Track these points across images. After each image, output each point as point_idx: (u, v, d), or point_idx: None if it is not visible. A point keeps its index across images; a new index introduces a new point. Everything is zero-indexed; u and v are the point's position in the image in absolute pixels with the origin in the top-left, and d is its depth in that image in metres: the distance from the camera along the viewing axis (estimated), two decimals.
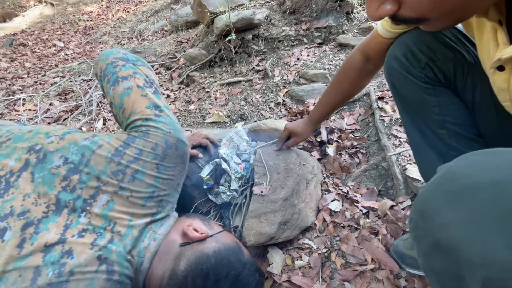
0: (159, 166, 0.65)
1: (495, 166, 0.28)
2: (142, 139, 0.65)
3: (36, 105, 1.99)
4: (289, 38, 1.79)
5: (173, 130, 0.69)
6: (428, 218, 0.31)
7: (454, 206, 0.28)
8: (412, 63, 0.61)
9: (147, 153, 0.64)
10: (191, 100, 1.76)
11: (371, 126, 1.21)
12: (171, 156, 0.67)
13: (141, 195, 0.62)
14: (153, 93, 0.74)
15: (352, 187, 1.03)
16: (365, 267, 0.78)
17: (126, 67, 0.75)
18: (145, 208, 0.62)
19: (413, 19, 0.35)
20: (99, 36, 4.11)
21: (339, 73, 0.82)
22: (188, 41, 2.50)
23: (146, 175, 0.63)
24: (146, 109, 0.69)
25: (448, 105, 0.61)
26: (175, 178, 0.69)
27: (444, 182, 0.31)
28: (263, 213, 0.86)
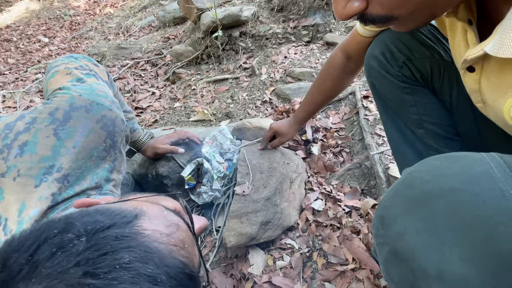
0: (58, 131, 0.50)
1: (453, 172, 0.27)
2: (41, 107, 0.52)
3: (16, 102, 1.92)
4: (276, 36, 1.78)
5: (88, 94, 0.55)
6: (387, 225, 0.30)
7: (410, 213, 0.27)
8: (390, 62, 0.61)
9: (42, 119, 0.50)
10: (176, 97, 1.72)
11: (355, 125, 1.20)
12: (77, 119, 0.52)
13: (34, 171, 0.46)
14: (84, 74, 0.63)
15: (335, 186, 1.02)
16: (346, 267, 0.78)
17: (64, 60, 0.66)
18: (41, 189, 0.46)
19: (382, 17, 0.34)
20: (85, 31, 4.01)
21: (322, 73, 0.82)
22: (175, 38, 2.45)
23: (39, 144, 0.48)
24: (67, 82, 0.59)
25: (425, 105, 0.60)
26: (91, 147, 0.53)
27: (403, 188, 0.30)
28: (245, 213, 0.84)
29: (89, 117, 0.53)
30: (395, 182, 0.32)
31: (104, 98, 0.57)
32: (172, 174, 0.99)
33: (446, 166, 0.28)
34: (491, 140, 0.56)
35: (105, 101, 0.57)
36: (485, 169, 0.25)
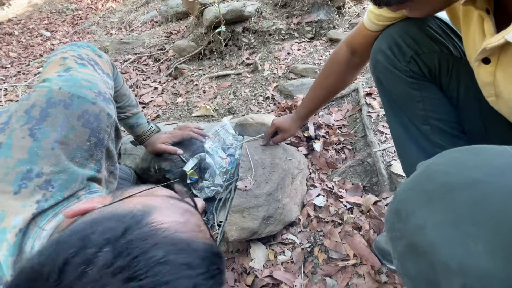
0: (34, 131, 0.45)
1: (475, 164, 0.26)
2: (17, 104, 0.47)
3: (18, 95, 1.92)
4: (279, 32, 1.77)
5: (68, 86, 0.50)
6: (404, 218, 0.29)
7: (431, 206, 0.27)
8: (397, 57, 0.60)
9: (17, 118, 0.45)
10: (178, 93, 1.72)
11: (358, 122, 1.20)
12: (55, 116, 0.47)
13: (10, 177, 0.42)
14: (79, 64, 0.58)
15: (337, 182, 1.02)
16: (347, 262, 0.78)
17: (65, 48, 0.62)
18: (21, 196, 0.42)
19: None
20: (87, 26, 3.99)
21: (325, 68, 0.81)
22: (177, 33, 2.44)
23: (14, 147, 0.43)
24: (54, 73, 0.54)
25: (432, 101, 0.60)
26: (73, 147, 0.48)
27: (421, 180, 0.29)
28: (246, 208, 0.84)
29: (68, 113, 0.48)
30: (411, 175, 0.32)
31: (88, 90, 0.52)
32: (174, 168, 0.99)
33: (467, 158, 0.27)
34: (498, 137, 0.56)
35: (88, 93, 0.52)
36: (509, 162, 0.24)
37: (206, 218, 0.97)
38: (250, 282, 0.79)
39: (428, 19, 0.58)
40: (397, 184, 0.93)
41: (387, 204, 0.90)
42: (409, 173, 0.70)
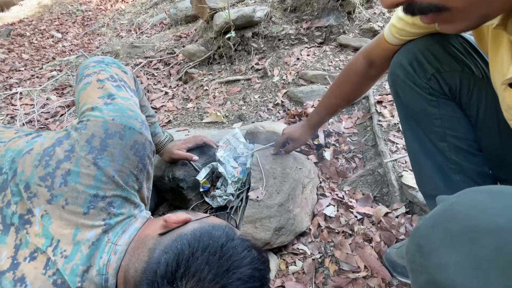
0: (97, 160, 0.52)
1: (499, 210, 0.27)
2: (78, 132, 0.54)
3: (33, 99, 1.98)
4: (289, 37, 1.77)
5: (119, 116, 0.57)
6: (426, 254, 0.30)
7: (453, 247, 0.28)
8: (418, 73, 0.60)
9: (80, 146, 0.52)
10: (189, 98, 1.74)
11: (368, 131, 1.20)
12: (114, 146, 0.54)
13: (80, 200, 0.49)
14: (115, 86, 0.64)
15: (347, 192, 1.03)
16: (357, 274, 0.79)
17: (95, 67, 0.67)
18: (90, 216, 0.50)
19: (433, 6, 0.33)
20: (98, 27, 4.05)
21: (340, 77, 0.81)
22: (187, 36, 2.47)
23: (82, 174, 0.50)
24: (98, 99, 0.60)
25: (450, 119, 0.60)
26: (127, 173, 0.55)
27: (444, 220, 0.30)
28: (259, 218, 0.86)
29: (124, 144, 0.56)
30: (433, 211, 0.33)
31: (135, 120, 0.59)
32: (188, 177, 1.01)
33: (491, 202, 0.28)
34: None
35: (136, 124, 0.59)
36: None
37: None
38: None
39: (451, 37, 0.58)
40: (408, 196, 0.93)
41: (398, 215, 0.90)
42: (422, 187, 0.70)
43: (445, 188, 0.63)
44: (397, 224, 0.87)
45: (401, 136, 1.11)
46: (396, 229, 0.86)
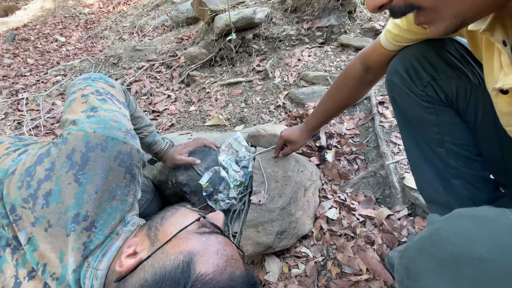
0: (78, 176, 0.49)
1: (482, 238, 0.28)
2: (58, 148, 0.51)
3: (38, 105, 2.01)
4: (290, 37, 1.77)
5: (102, 128, 0.54)
6: (413, 277, 0.31)
7: (437, 274, 0.29)
8: (414, 80, 0.60)
9: (60, 164, 0.49)
10: (191, 100, 1.76)
11: (370, 132, 1.20)
12: (95, 159, 0.51)
13: (62, 222, 0.47)
14: (100, 100, 0.62)
15: (350, 194, 1.03)
16: (359, 277, 0.80)
17: (81, 84, 0.66)
18: (71, 240, 0.47)
19: (408, 6, 0.35)
20: (100, 30, 4.09)
21: (337, 82, 0.81)
22: (188, 39, 2.48)
23: (63, 193, 0.48)
24: (81, 113, 0.58)
25: (448, 125, 0.60)
26: (112, 187, 0.52)
27: (430, 244, 0.31)
28: (261, 222, 0.87)
29: (106, 156, 0.52)
30: (421, 233, 0.34)
31: (118, 130, 0.56)
32: (190, 181, 1.03)
33: (475, 230, 0.29)
34: None
35: (119, 134, 0.55)
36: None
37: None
38: None
39: (447, 43, 0.58)
40: (410, 197, 0.93)
41: (400, 218, 0.90)
42: (423, 191, 0.70)
43: (445, 193, 0.63)
44: (399, 227, 0.87)
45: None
46: (398, 232, 0.86)
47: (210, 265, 0.42)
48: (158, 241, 0.49)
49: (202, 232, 0.48)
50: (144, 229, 0.52)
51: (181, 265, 0.42)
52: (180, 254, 0.43)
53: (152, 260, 0.45)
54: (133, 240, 0.50)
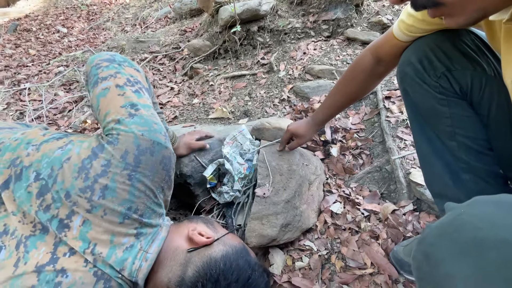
0: (132, 177, 0.57)
1: (507, 223, 0.27)
2: (111, 146, 0.58)
3: (41, 95, 2.00)
4: (295, 30, 1.74)
5: (147, 131, 0.60)
6: (433, 263, 0.30)
7: (461, 259, 0.28)
8: (427, 71, 0.59)
9: (116, 163, 0.56)
10: (195, 93, 1.74)
11: (376, 127, 1.19)
12: (146, 163, 0.59)
13: (116, 212, 0.55)
14: (134, 92, 0.66)
15: (354, 189, 1.03)
16: (364, 271, 0.80)
17: (109, 68, 0.68)
18: (125, 225, 0.56)
19: (430, 1, 0.35)
20: (102, 22, 4.05)
21: (347, 74, 0.80)
22: (192, 30, 2.45)
23: (118, 189, 0.55)
24: (121, 108, 0.62)
25: (461, 118, 0.59)
26: (156, 187, 0.61)
27: (452, 230, 0.30)
28: (265, 215, 0.86)
29: (154, 160, 0.60)
30: (441, 219, 0.33)
31: (160, 134, 0.63)
32: (195, 173, 1.02)
33: (499, 215, 0.28)
34: None
35: (161, 138, 0.63)
36: None
37: (225, 222, 1.00)
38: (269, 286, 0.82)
39: (463, 33, 0.57)
40: (416, 193, 0.92)
41: (405, 213, 0.90)
42: (431, 186, 0.69)
43: (454, 187, 0.62)
44: (405, 222, 0.87)
45: (409, 132, 1.09)
46: (404, 227, 0.86)
47: (252, 253, 0.69)
48: (218, 232, 0.69)
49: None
50: (198, 222, 0.71)
51: (244, 248, 0.67)
52: (240, 243, 0.69)
53: (222, 240, 0.66)
54: (192, 225, 0.68)
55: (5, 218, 0.52)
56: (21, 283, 0.47)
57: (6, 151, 0.58)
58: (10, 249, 0.50)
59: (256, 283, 0.60)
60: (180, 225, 0.70)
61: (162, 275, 0.59)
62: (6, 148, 0.59)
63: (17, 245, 0.50)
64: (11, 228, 0.51)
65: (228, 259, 0.61)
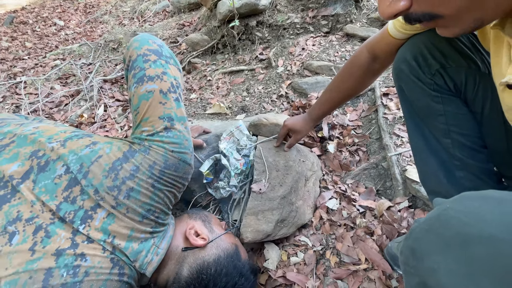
0: (154, 185, 0.63)
1: (493, 217, 0.27)
2: (142, 155, 0.64)
3: (37, 88, 1.98)
4: (294, 25, 1.73)
5: (178, 148, 0.67)
6: (418, 257, 0.30)
7: (446, 253, 0.28)
8: (422, 68, 0.59)
9: (143, 171, 0.63)
10: (192, 88, 1.73)
11: (373, 124, 1.19)
12: (168, 176, 0.66)
13: (137, 212, 0.61)
14: (175, 100, 0.70)
15: (350, 185, 1.03)
16: (358, 266, 0.80)
17: (157, 64, 0.70)
18: (143, 224, 0.62)
19: (427, 15, 0.34)
20: (100, 15, 4.00)
21: (343, 71, 0.80)
22: (190, 25, 2.42)
23: (141, 193, 0.62)
24: (159, 119, 0.67)
25: (455, 115, 0.59)
26: (172, 195, 0.69)
27: (438, 225, 0.30)
28: (261, 210, 0.87)
29: (176, 175, 0.67)
30: (428, 214, 0.33)
31: (188, 151, 0.69)
32: None
33: (486, 210, 0.28)
34: None
35: (188, 156, 0.69)
36: None
37: (221, 217, 1.00)
38: (264, 281, 0.82)
39: None
40: (411, 190, 0.93)
41: (401, 209, 0.90)
42: (425, 183, 0.70)
43: (448, 184, 0.62)
44: (400, 218, 0.87)
45: (406, 129, 1.09)
46: (398, 223, 0.86)
47: (244, 253, 0.75)
48: (213, 232, 0.76)
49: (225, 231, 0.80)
50: (197, 220, 0.78)
51: (235, 251, 0.72)
52: (232, 245, 0.74)
53: (216, 243, 0.72)
54: (190, 223, 0.75)
55: (19, 205, 0.54)
56: (37, 266, 0.49)
57: (24, 144, 0.61)
58: (25, 234, 0.51)
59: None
60: (181, 220, 0.76)
61: (164, 272, 0.67)
62: (22, 141, 0.61)
63: (35, 230, 0.52)
64: (26, 215, 0.53)
65: (219, 264, 0.67)
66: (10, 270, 0.48)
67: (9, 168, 0.57)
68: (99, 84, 1.91)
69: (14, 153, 0.59)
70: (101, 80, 1.95)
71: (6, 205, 0.53)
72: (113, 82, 1.98)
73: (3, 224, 0.51)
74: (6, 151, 0.59)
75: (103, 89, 1.89)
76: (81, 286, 0.50)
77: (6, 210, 0.52)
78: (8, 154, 0.59)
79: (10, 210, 0.53)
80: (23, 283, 0.48)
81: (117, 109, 1.71)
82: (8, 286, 0.47)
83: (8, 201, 0.54)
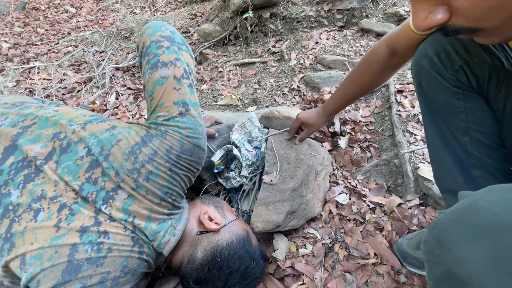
0: (171, 169, 0.65)
1: None
2: (159, 139, 0.65)
3: (50, 74, 2.01)
4: (308, 19, 1.71)
5: (193, 133, 0.68)
6: (445, 247, 0.31)
7: (475, 242, 0.28)
8: (444, 64, 0.58)
9: (161, 155, 0.64)
10: (203, 79, 1.73)
11: (386, 120, 1.18)
12: (184, 160, 0.68)
13: (156, 194, 0.63)
14: (188, 86, 0.71)
15: (361, 181, 1.03)
16: (367, 260, 0.81)
17: (170, 51, 0.71)
18: (161, 206, 0.65)
19: (466, 29, 0.32)
20: (111, 3, 4.00)
21: (360, 65, 0.79)
22: (202, 15, 2.41)
23: (160, 176, 0.64)
24: (174, 105, 0.68)
25: (475, 113, 0.58)
26: (187, 179, 0.71)
27: (467, 214, 0.30)
28: (272, 201, 0.87)
29: (191, 159, 0.69)
30: (455, 205, 0.33)
31: (202, 136, 0.71)
32: None
33: None
34: None
35: (202, 141, 0.71)
36: None
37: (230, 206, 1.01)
38: (272, 270, 0.84)
39: None
40: (423, 188, 0.92)
41: (411, 207, 0.90)
42: (440, 180, 0.69)
43: (464, 183, 0.62)
44: (410, 215, 0.87)
45: (420, 127, 1.08)
46: (409, 220, 0.86)
47: (254, 239, 0.78)
48: (226, 217, 0.79)
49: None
50: (210, 205, 0.81)
51: (247, 236, 0.75)
52: (243, 230, 0.77)
53: (229, 228, 0.75)
54: (204, 208, 0.78)
55: (43, 184, 0.55)
56: (62, 241, 0.51)
57: (46, 126, 0.62)
58: (50, 212, 0.53)
59: (252, 272, 0.70)
60: (195, 205, 0.80)
61: (179, 253, 0.70)
62: (44, 123, 0.63)
63: (59, 208, 0.54)
64: (50, 194, 0.55)
65: (232, 248, 0.70)
66: (36, 245, 0.50)
67: (33, 149, 0.58)
68: (111, 72, 1.93)
69: (37, 134, 0.61)
70: (113, 68, 1.96)
71: (30, 183, 0.55)
72: (124, 70, 1.99)
73: (28, 201, 0.53)
74: (28, 132, 0.61)
75: (115, 77, 1.90)
76: (104, 261, 0.53)
77: (31, 189, 0.54)
78: (30, 135, 0.60)
79: (34, 188, 0.54)
80: (49, 256, 0.50)
81: (129, 97, 1.72)
82: (34, 259, 0.49)
83: (32, 180, 0.55)
